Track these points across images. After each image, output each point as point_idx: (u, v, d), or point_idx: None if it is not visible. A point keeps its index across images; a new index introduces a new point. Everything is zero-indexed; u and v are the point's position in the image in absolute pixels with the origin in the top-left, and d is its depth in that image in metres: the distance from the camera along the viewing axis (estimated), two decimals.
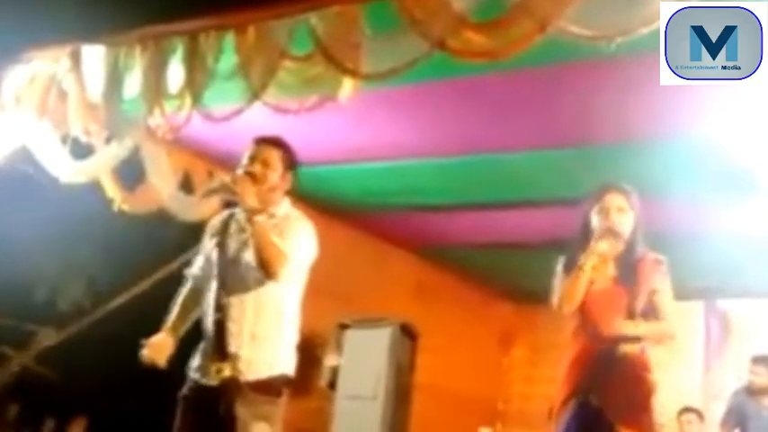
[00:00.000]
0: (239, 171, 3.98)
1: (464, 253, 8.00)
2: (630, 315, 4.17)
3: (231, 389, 3.81)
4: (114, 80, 5.30)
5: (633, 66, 4.39)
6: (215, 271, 4.00)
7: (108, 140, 5.78)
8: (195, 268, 4.19)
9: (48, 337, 6.52)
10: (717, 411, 7.78)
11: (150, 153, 5.99)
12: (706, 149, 5.55)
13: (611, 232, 4.20)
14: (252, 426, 3.78)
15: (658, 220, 6.70)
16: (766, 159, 5.60)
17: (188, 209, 6.16)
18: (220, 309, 3.91)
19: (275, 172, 4.01)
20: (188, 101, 4.94)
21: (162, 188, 6.04)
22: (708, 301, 9.03)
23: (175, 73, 5.05)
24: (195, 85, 4.94)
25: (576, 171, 6.02)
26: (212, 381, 3.88)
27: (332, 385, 7.27)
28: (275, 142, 4.10)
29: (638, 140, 5.53)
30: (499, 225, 7.20)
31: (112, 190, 5.99)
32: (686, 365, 8.89)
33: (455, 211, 6.99)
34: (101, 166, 5.91)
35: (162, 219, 6.11)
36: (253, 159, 4.03)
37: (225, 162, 6.54)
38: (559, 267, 4.37)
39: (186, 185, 6.30)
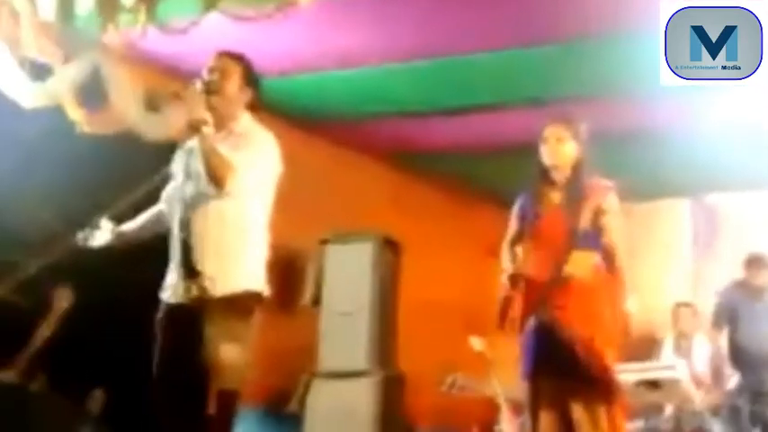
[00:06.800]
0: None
1: (440, 159, 7.85)
2: (572, 237, 4.35)
3: (199, 307, 3.74)
4: None
5: None
6: (180, 191, 3.95)
7: (65, 60, 5.57)
8: (168, 189, 4.11)
9: (26, 268, 6.41)
10: (708, 307, 7.75)
11: (110, 72, 5.76)
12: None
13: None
14: (221, 346, 3.69)
15: (640, 118, 6.63)
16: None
17: (154, 128, 5.98)
18: (184, 227, 3.86)
19: (233, 84, 3.92)
20: (143, 14, 4.79)
21: (125, 108, 5.83)
22: (694, 197, 8.96)
23: None
24: None
25: (549, 70, 5.89)
26: (180, 300, 3.83)
27: (316, 302, 7.18)
28: (235, 55, 4.01)
29: (612, 34, 5.35)
30: (473, 129, 7.04)
31: (74, 112, 5.78)
32: (675, 263, 8.88)
33: (428, 117, 6.83)
34: (61, 88, 5.70)
35: (129, 139, 5.92)
36: (211, 71, 3.95)
37: (190, 79, 6.35)
38: (515, 209, 4.58)
39: (151, 104, 6.10)
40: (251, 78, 3.98)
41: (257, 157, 3.84)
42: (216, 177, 3.71)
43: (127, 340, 6.56)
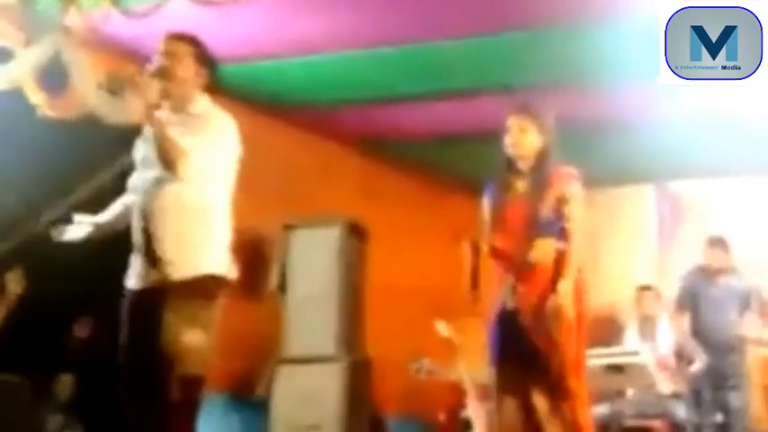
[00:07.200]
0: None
1: (408, 146, 7.84)
2: (533, 224, 4.34)
3: (159, 293, 3.70)
4: None
5: None
6: (140, 178, 3.89)
7: (26, 44, 5.49)
8: (133, 177, 4.01)
9: None
10: (673, 293, 7.81)
11: (71, 56, 5.70)
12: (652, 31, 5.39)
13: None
14: (183, 332, 3.65)
15: (606, 107, 6.65)
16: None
17: (115, 112, 5.92)
18: (144, 213, 3.81)
19: (186, 67, 3.84)
20: None
21: (87, 92, 5.77)
22: (658, 184, 9.02)
23: None
24: None
25: (517, 57, 5.88)
26: (143, 286, 3.81)
27: (282, 288, 7.15)
28: (186, 37, 3.91)
29: (580, 22, 5.36)
30: (441, 116, 7.03)
31: (36, 96, 5.71)
32: (640, 249, 8.95)
33: (395, 104, 6.80)
34: (22, 71, 5.62)
35: (91, 123, 5.86)
36: (162, 55, 3.85)
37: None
38: (486, 198, 4.55)
39: (111, 87, 6.03)
40: (205, 60, 3.90)
41: (213, 140, 3.78)
42: (167, 162, 3.66)
43: (94, 327, 6.53)
